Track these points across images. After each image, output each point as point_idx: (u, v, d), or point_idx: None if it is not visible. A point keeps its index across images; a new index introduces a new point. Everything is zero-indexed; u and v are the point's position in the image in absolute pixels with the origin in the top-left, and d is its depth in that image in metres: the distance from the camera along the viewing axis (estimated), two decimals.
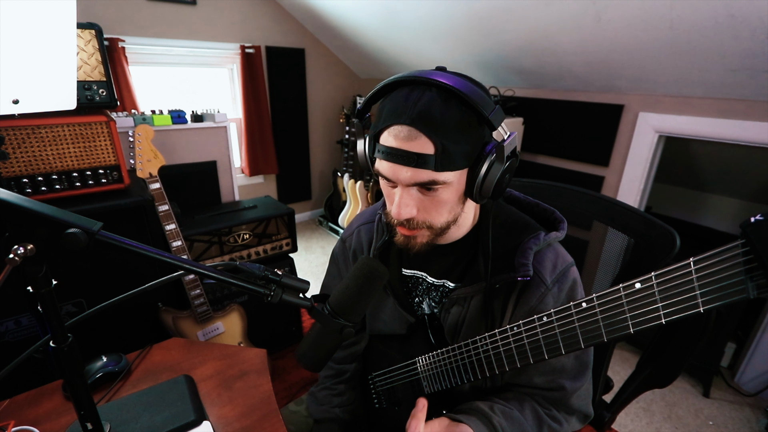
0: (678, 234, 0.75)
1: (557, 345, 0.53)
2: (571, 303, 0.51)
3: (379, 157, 0.59)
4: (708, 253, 0.39)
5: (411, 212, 0.60)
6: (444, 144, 0.54)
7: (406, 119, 0.54)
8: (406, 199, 0.59)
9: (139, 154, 1.41)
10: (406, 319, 0.77)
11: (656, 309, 0.43)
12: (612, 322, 0.47)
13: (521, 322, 0.57)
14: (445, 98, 0.54)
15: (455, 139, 0.54)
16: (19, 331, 1.23)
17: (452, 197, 0.60)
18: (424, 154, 0.54)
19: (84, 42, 1.20)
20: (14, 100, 0.73)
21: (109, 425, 0.71)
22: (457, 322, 0.71)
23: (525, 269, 0.62)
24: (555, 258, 0.66)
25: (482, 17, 2.03)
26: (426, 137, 0.54)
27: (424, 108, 0.53)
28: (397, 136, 0.55)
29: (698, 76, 1.70)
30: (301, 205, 3.83)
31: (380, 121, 0.58)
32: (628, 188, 2.16)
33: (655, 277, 0.43)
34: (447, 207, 0.61)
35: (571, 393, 0.67)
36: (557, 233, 0.67)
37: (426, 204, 0.60)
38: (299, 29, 3.26)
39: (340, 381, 0.90)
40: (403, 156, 0.55)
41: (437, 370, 0.71)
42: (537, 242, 0.64)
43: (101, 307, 0.47)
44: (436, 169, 0.55)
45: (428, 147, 0.54)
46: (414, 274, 0.77)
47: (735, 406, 1.81)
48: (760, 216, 0.35)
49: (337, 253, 0.91)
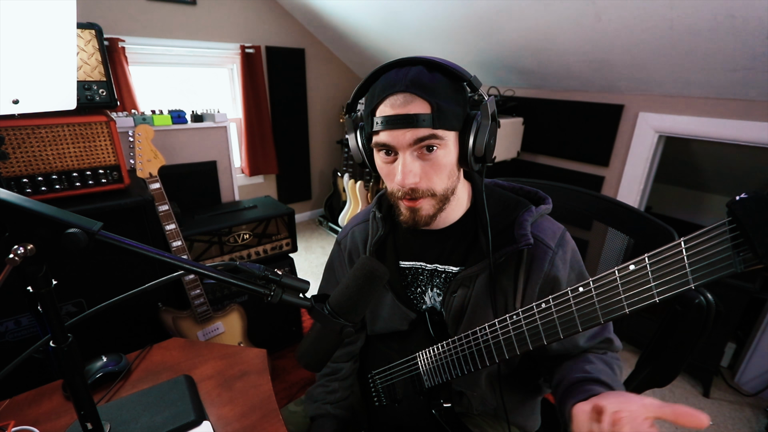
0: (678, 234, 0.75)
1: (555, 330, 0.54)
2: (569, 288, 0.52)
3: (378, 129, 0.62)
4: (697, 233, 0.41)
5: (415, 178, 0.63)
6: (438, 103, 0.59)
7: (401, 87, 0.59)
8: (409, 164, 0.62)
9: (139, 154, 1.41)
10: (406, 315, 0.78)
11: (650, 288, 0.45)
12: (608, 304, 0.49)
13: (519, 310, 0.58)
14: (430, 69, 0.61)
15: (447, 99, 0.60)
16: (19, 331, 1.23)
17: (449, 160, 0.64)
18: (421, 114, 0.59)
19: (84, 42, 1.20)
20: (14, 100, 0.73)
21: (109, 425, 0.71)
22: (462, 305, 0.71)
23: (526, 239, 0.65)
24: (551, 225, 0.71)
25: (482, 17, 2.03)
26: (421, 99, 0.59)
27: (415, 76, 0.60)
28: (394, 105, 0.60)
29: (698, 76, 1.70)
30: (301, 205, 3.83)
31: (374, 98, 0.62)
32: (628, 188, 2.16)
33: (648, 258, 0.45)
34: (446, 171, 0.64)
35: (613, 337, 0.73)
36: (545, 206, 0.72)
37: (426, 169, 0.63)
38: (299, 29, 3.26)
39: (334, 379, 0.91)
40: (402, 119, 0.60)
41: (438, 363, 0.71)
42: (531, 214, 0.69)
43: (101, 307, 0.47)
44: (434, 126, 0.60)
45: (425, 107, 0.59)
46: (413, 265, 0.78)
47: (735, 406, 1.81)
48: (745, 194, 0.37)
49: (334, 258, 0.91)
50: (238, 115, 3.18)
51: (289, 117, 3.42)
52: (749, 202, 0.37)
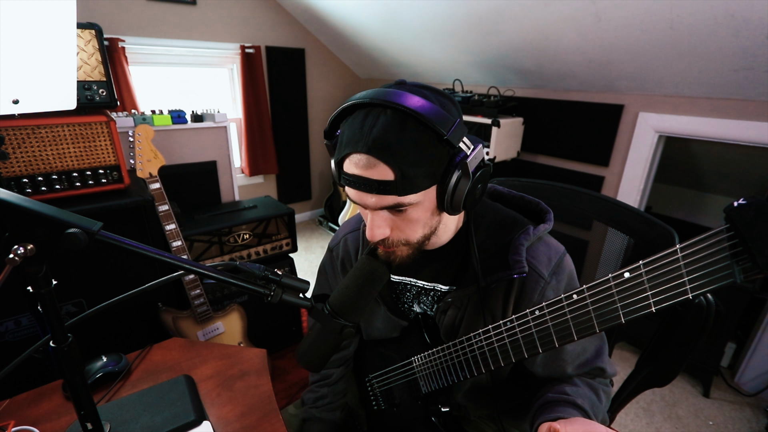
0: (678, 234, 0.75)
1: (550, 338, 0.53)
2: (563, 296, 0.51)
3: (344, 184, 0.58)
4: (694, 240, 0.39)
5: (384, 233, 0.59)
6: (402, 169, 0.52)
7: (362, 147, 0.53)
8: (378, 221, 0.59)
9: (139, 154, 1.41)
10: (398, 324, 0.78)
11: (646, 297, 0.44)
12: (603, 312, 0.47)
13: (513, 317, 0.57)
14: (400, 120, 0.52)
15: (415, 162, 0.53)
16: (19, 331, 1.23)
17: (424, 214, 0.59)
18: (384, 181, 0.53)
19: (84, 42, 1.20)
20: (14, 100, 0.73)
21: (109, 425, 0.71)
22: (453, 324, 0.70)
23: (520, 266, 0.61)
24: (548, 250, 0.66)
25: (482, 17, 2.03)
26: (384, 164, 0.52)
27: (379, 135, 0.52)
28: (357, 164, 0.54)
29: (698, 76, 1.70)
30: (301, 205, 3.83)
31: (341, 148, 0.56)
32: (628, 188, 2.16)
33: (643, 265, 0.43)
34: (420, 223, 0.60)
35: (605, 366, 0.69)
36: (545, 225, 0.67)
37: (398, 223, 0.60)
38: (299, 29, 3.26)
39: (323, 384, 0.91)
40: (365, 183, 0.54)
41: (434, 368, 0.71)
42: (527, 237, 0.64)
43: (101, 307, 0.47)
44: (399, 194, 0.54)
45: (388, 173, 0.53)
46: (402, 280, 0.77)
47: (735, 406, 1.81)
48: (743, 200, 0.36)
49: (326, 264, 0.91)
50: (238, 115, 3.18)
51: (289, 117, 3.41)
52: (748, 209, 0.35)
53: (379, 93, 0.54)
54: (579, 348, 0.67)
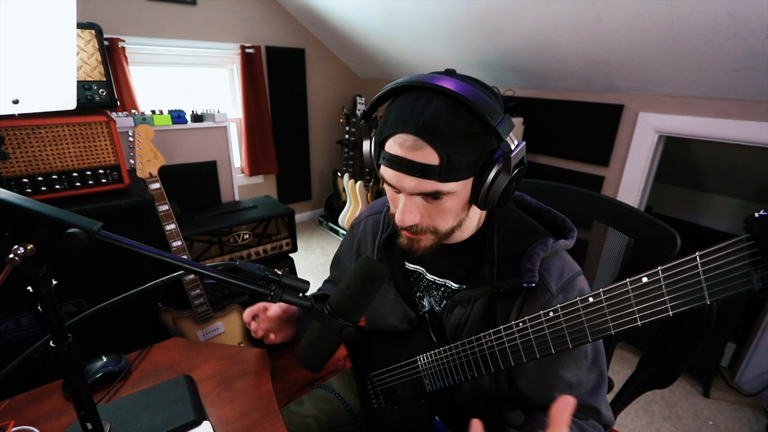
0: (678, 234, 0.75)
1: (564, 339, 0.53)
2: (578, 298, 0.51)
3: (384, 164, 0.58)
4: (714, 248, 0.40)
5: (414, 219, 0.60)
6: (449, 155, 0.52)
7: (411, 128, 0.53)
8: (410, 206, 0.59)
9: (139, 154, 1.41)
10: (407, 314, 0.77)
11: (663, 302, 0.45)
12: (619, 315, 0.48)
13: (527, 318, 0.56)
14: (452, 106, 0.52)
15: (461, 150, 0.53)
16: (19, 331, 1.23)
17: (457, 205, 0.59)
18: (428, 165, 0.53)
19: (84, 42, 1.20)
20: (14, 100, 0.73)
21: (109, 425, 0.71)
22: (459, 323, 0.71)
23: (531, 275, 0.60)
24: (562, 266, 0.65)
25: (482, 17, 2.03)
26: (431, 148, 0.53)
27: (431, 118, 0.52)
28: (402, 145, 0.54)
29: (698, 76, 1.70)
30: (301, 205, 3.83)
31: (386, 128, 0.56)
32: (628, 188, 2.16)
33: (662, 271, 0.44)
34: (452, 214, 0.60)
35: (602, 409, 0.66)
36: (566, 241, 0.66)
37: (430, 211, 0.60)
38: (299, 29, 3.25)
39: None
40: (407, 165, 0.54)
41: (440, 367, 0.70)
42: (545, 248, 0.63)
43: (101, 307, 0.46)
44: (441, 179, 0.54)
45: (433, 158, 0.53)
46: (416, 269, 0.78)
47: (735, 406, 1.81)
48: (764, 211, 0.37)
49: (345, 240, 0.94)
50: (238, 115, 3.18)
51: (289, 117, 3.41)
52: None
53: (431, 77, 0.54)
54: (575, 379, 0.65)
